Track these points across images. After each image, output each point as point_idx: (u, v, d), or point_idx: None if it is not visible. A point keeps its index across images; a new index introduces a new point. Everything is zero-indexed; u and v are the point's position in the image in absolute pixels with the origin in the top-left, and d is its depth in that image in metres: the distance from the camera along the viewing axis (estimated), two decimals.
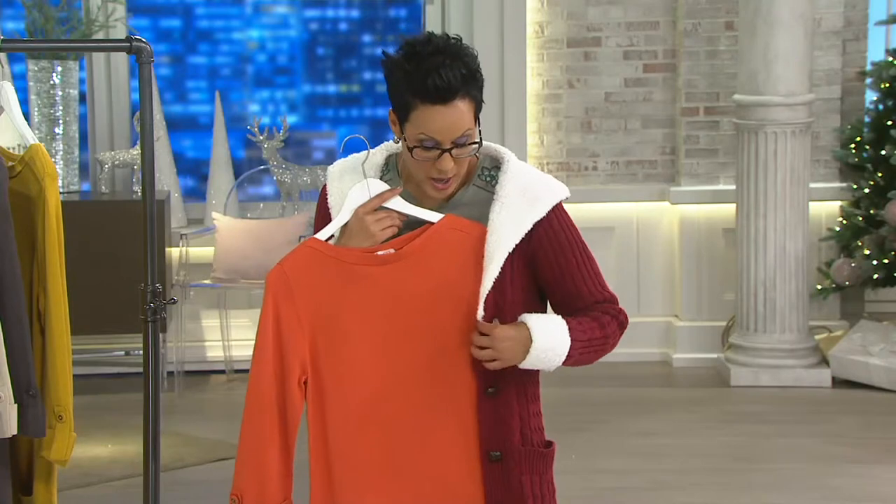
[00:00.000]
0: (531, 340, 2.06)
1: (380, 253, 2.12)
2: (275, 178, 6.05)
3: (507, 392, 2.13)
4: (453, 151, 2.09)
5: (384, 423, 2.12)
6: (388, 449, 2.12)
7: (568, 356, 2.09)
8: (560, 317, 2.10)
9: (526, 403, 2.16)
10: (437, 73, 2.03)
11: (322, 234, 2.18)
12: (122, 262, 5.48)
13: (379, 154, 2.23)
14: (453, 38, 2.08)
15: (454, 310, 2.10)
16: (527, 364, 2.07)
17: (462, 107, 2.08)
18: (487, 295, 2.09)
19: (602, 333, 2.13)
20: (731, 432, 5.05)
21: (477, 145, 2.12)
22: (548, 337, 2.06)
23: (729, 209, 5.93)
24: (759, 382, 5.65)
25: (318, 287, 2.12)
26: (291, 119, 6.22)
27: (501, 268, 2.09)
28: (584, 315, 2.14)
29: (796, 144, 5.62)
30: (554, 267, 2.12)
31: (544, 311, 2.17)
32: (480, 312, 2.08)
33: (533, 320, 2.07)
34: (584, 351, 2.10)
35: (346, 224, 2.17)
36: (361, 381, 2.12)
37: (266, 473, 2.11)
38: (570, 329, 2.09)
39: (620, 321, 2.17)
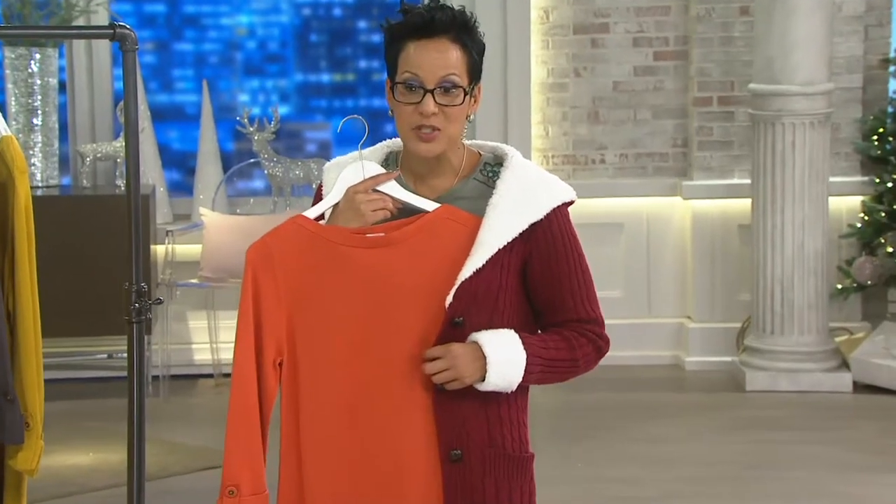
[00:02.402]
0: (484, 356, 2.07)
1: (369, 235, 2.13)
2: (265, 171, 6.06)
3: (469, 389, 2.13)
4: (437, 96, 2.11)
5: (356, 416, 2.13)
6: (358, 442, 2.13)
7: (527, 371, 2.09)
8: (511, 331, 2.11)
9: (502, 407, 2.16)
10: (428, 11, 2.11)
11: (311, 212, 2.19)
12: (105, 260, 5.49)
13: (380, 149, 2.26)
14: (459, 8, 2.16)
15: (438, 300, 2.11)
16: (489, 382, 2.07)
17: (450, 48, 2.12)
18: (463, 284, 2.10)
19: (570, 356, 2.13)
20: (746, 439, 5.06)
21: (464, 98, 2.14)
22: (501, 349, 2.08)
23: (744, 204, 5.94)
24: (775, 387, 5.66)
25: (300, 265, 2.13)
26: (283, 110, 6.23)
27: (488, 262, 2.09)
28: (556, 332, 2.15)
29: (815, 136, 5.62)
30: (545, 272, 2.13)
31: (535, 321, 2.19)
32: (448, 299, 2.10)
33: (481, 335, 2.09)
34: (546, 370, 2.10)
35: (336, 205, 2.19)
36: (338, 367, 2.12)
37: (255, 459, 2.13)
38: (525, 344, 2.10)
39: (598, 346, 2.17)
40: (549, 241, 2.14)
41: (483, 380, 2.08)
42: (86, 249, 5.58)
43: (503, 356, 2.08)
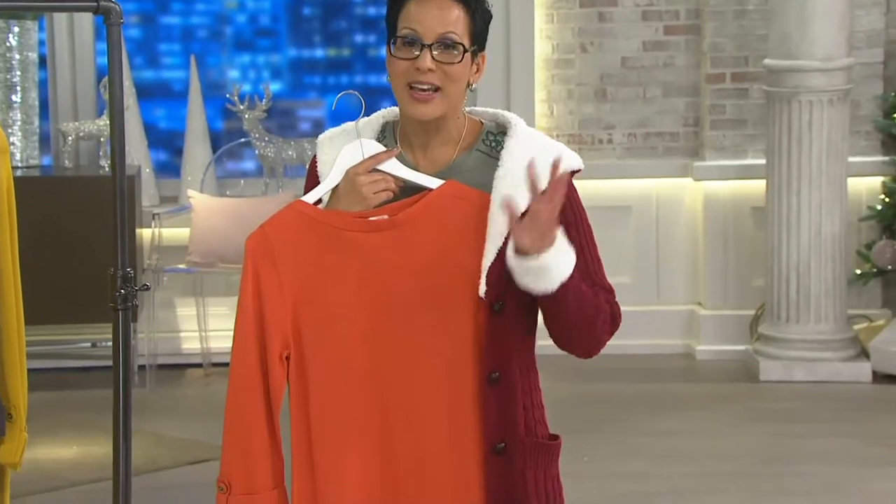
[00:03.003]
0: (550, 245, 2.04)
1: (372, 218, 2.12)
2: (257, 151, 6.05)
3: (511, 377, 2.14)
4: (435, 52, 2.10)
5: (373, 411, 2.12)
6: (376, 441, 2.12)
7: (568, 280, 2.06)
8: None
9: (529, 391, 2.17)
10: None
11: (309, 197, 2.18)
12: (89, 244, 5.49)
13: (375, 120, 2.24)
14: None
15: (453, 284, 2.10)
16: (541, 259, 2.02)
17: (453, 6, 2.12)
18: (490, 267, 2.09)
19: (594, 301, 2.12)
20: (760, 432, 5.07)
21: (462, 58, 2.13)
22: (563, 251, 2.05)
23: (758, 186, 5.94)
24: (791, 377, 5.67)
25: (302, 253, 2.12)
26: (275, 87, 6.22)
27: (506, 238, 2.09)
28: None
29: (834, 114, 5.62)
30: None
31: None
32: (483, 287, 2.09)
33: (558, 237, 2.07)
34: (577, 295, 2.08)
35: (336, 187, 2.18)
36: (348, 359, 2.12)
37: (253, 458, 2.12)
38: (575, 266, 2.09)
39: (613, 312, 2.16)
40: (560, 213, 2.13)
41: (541, 252, 2.03)
42: (68, 233, 5.58)
43: (562, 257, 2.05)
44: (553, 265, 2.04)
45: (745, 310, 6.04)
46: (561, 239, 2.05)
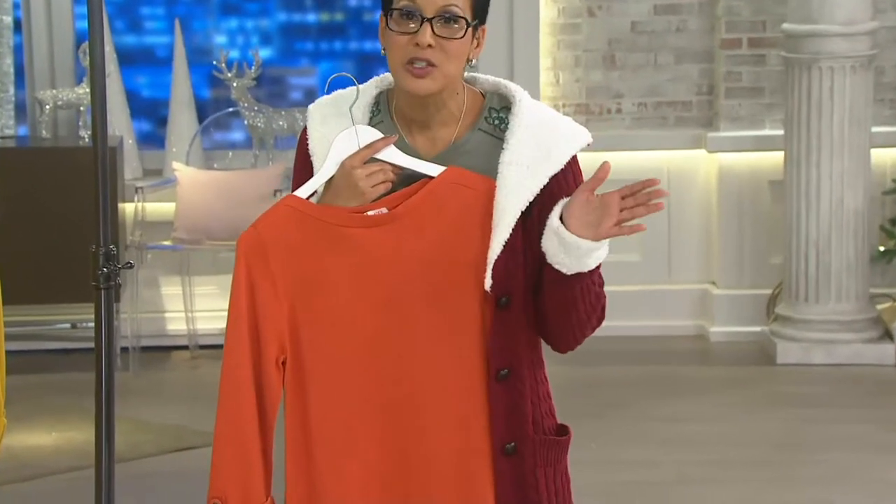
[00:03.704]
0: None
1: (370, 213, 2.11)
2: (245, 122, 6.05)
3: (520, 373, 2.14)
4: (435, 27, 2.10)
5: (376, 414, 2.12)
6: (380, 444, 2.12)
7: (592, 273, 2.07)
8: None
9: (537, 385, 2.18)
10: None
11: (303, 191, 2.17)
12: (68, 219, 5.50)
13: (368, 91, 2.22)
14: None
15: (458, 279, 2.10)
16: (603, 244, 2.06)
17: None
18: (497, 260, 2.10)
19: (598, 291, 2.13)
20: (777, 418, 5.09)
21: (464, 33, 2.12)
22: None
23: (776, 158, 5.94)
24: (810, 360, 5.68)
25: (297, 252, 2.11)
26: (264, 53, 6.21)
27: (513, 229, 2.10)
28: None
29: (856, 81, 5.62)
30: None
31: None
32: (488, 282, 2.09)
33: None
34: (592, 283, 2.09)
35: (331, 179, 2.17)
36: (349, 361, 2.11)
37: (249, 470, 2.12)
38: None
39: (603, 305, 2.16)
40: (565, 190, 2.14)
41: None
42: (46, 208, 5.58)
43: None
44: (598, 248, 2.06)
45: (761, 289, 6.05)
46: None
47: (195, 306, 5.95)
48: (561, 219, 2.05)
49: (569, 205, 2.05)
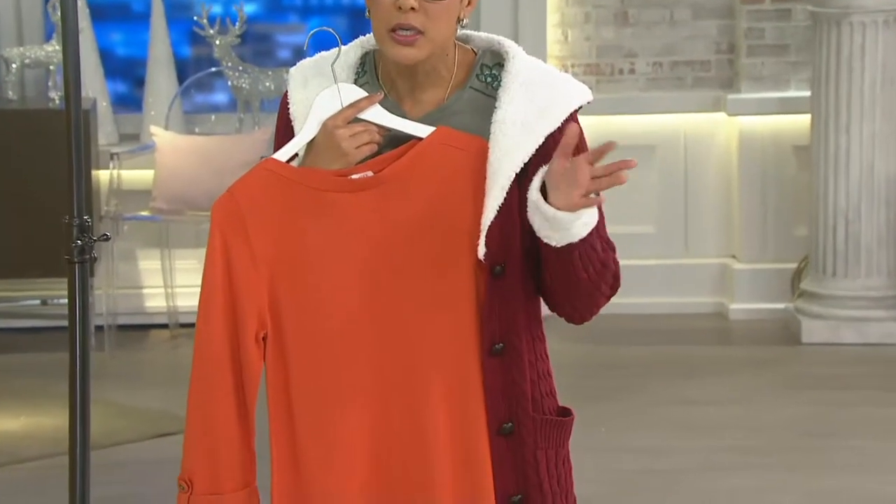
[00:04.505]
0: None
1: (354, 176, 2.12)
2: (229, 83, 6.04)
3: (517, 347, 2.15)
4: None
5: (365, 392, 2.13)
6: (370, 424, 2.13)
7: (584, 241, 2.06)
8: None
9: (535, 362, 2.19)
10: None
11: (282, 154, 2.17)
12: (37, 187, 5.50)
13: (352, 52, 2.23)
14: None
15: (449, 246, 2.10)
16: (582, 214, 2.05)
17: None
18: (491, 225, 2.10)
19: (603, 256, 2.10)
20: (802, 401, 5.10)
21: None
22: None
23: (802, 121, 5.94)
24: (837, 339, 5.69)
25: (277, 219, 2.12)
26: (249, 8, 6.20)
27: (507, 192, 2.10)
28: None
29: (890, 37, 5.61)
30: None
31: None
32: (482, 249, 2.09)
33: None
34: (590, 253, 2.08)
35: (312, 141, 2.17)
36: (333, 335, 2.12)
37: (220, 452, 2.13)
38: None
39: (616, 272, 2.15)
40: None
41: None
42: (13, 175, 5.58)
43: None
44: (579, 218, 2.04)
45: (785, 263, 6.06)
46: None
47: (175, 281, 5.96)
48: (544, 189, 2.04)
49: (548, 174, 2.04)
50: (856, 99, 5.61)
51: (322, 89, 2.18)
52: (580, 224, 2.05)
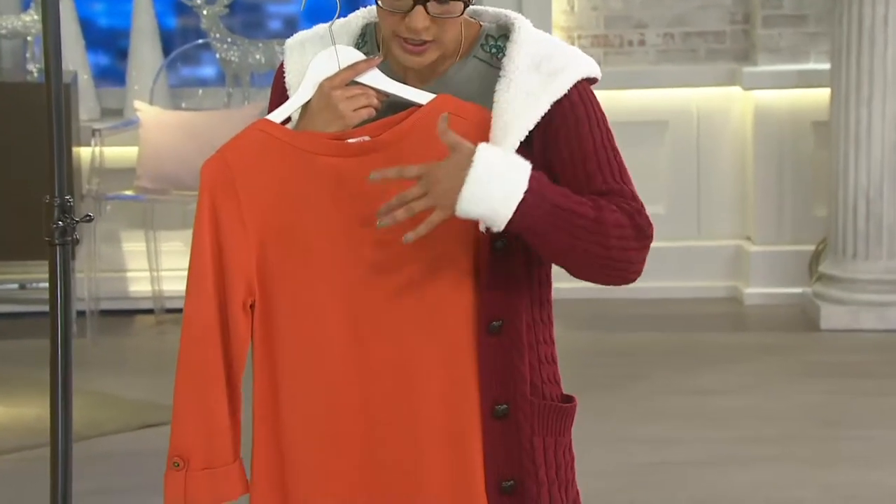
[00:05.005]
0: (470, 165, 2.01)
1: (351, 140, 2.12)
2: (217, 55, 6.04)
3: (516, 326, 2.15)
4: (429, 6, 2.11)
5: (353, 364, 2.14)
6: (358, 398, 2.14)
7: (527, 207, 2.02)
8: (526, 162, 2.05)
9: (537, 345, 2.19)
10: None
11: (276, 116, 2.18)
12: (15, 165, 5.50)
13: (354, 21, 2.24)
14: None
15: (448, 219, 2.09)
16: (462, 202, 2.01)
17: None
18: None
19: (594, 214, 2.06)
20: (820, 390, 5.11)
21: (462, 10, 2.12)
22: (497, 164, 2.01)
23: (821, 95, 5.94)
24: (858, 325, 5.70)
25: (269, 183, 2.13)
26: None
27: None
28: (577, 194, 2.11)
29: None
30: (564, 149, 2.12)
31: None
32: (483, 223, 2.10)
33: (484, 145, 2.04)
34: (559, 221, 2.03)
35: (307, 104, 2.18)
36: (323, 305, 2.13)
37: (214, 425, 2.14)
38: (533, 176, 2.04)
39: (635, 221, 2.10)
40: (572, 114, 2.13)
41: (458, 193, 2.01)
42: None
43: (496, 170, 2.01)
44: (479, 201, 2.02)
45: (803, 245, 6.07)
46: (489, 154, 2.02)
47: (161, 264, 5.96)
48: None
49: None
50: (878, 72, 5.61)
51: (318, 53, 2.20)
52: (497, 185, 2.01)
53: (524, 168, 2.04)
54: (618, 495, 4.18)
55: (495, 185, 2.03)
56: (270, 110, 2.26)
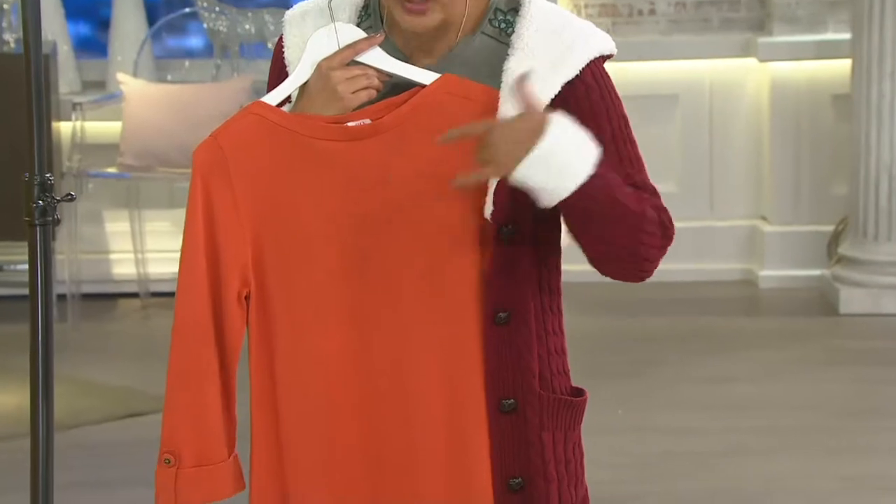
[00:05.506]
0: (542, 135, 2.01)
1: (350, 124, 2.12)
2: (205, 25, 6.03)
3: (524, 317, 2.15)
4: None
5: (353, 356, 2.14)
6: (357, 392, 2.14)
7: (586, 187, 2.02)
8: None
9: (546, 336, 2.19)
10: None
11: (272, 97, 2.18)
12: None
13: None
14: None
15: (453, 203, 2.10)
16: (523, 168, 2.01)
17: None
18: (499, 183, 2.10)
19: (637, 207, 2.08)
20: (840, 377, 5.12)
21: None
22: (568, 140, 2.01)
23: (841, 67, 5.94)
24: (879, 309, 5.71)
25: (264, 168, 2.12)
26: None
27: None
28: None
29: None
30: None
31: None
32: (489, 207, 2.10)
33: (559, 116, 2.02)
34: (607, 204, 2.04)
35: (305, 84, 2.18)
36: (323, 295, 2.13)
37: (207, 421, 2.15)
38: (600, 162, 2.05)
39: (662, 220, 2.14)
40: (587, 100, 2.13)
41: (522, 159, 2.01)
42: None
43: (566, 146, 2.01)
44: (546, 169, 2.02)
45: (821, 225, 6.07)
46: (564, 126, 2.02)
47: (146, 246, 5.96)
48: None
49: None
50: None
51: (319, 28, 2.19)
52: (565, 160, 2.01)
53: (593, 149, 2.04)
54: (633, 486, 4.18)
55: (562, 160, 2.02)
56: (269, 86, 2.26)
